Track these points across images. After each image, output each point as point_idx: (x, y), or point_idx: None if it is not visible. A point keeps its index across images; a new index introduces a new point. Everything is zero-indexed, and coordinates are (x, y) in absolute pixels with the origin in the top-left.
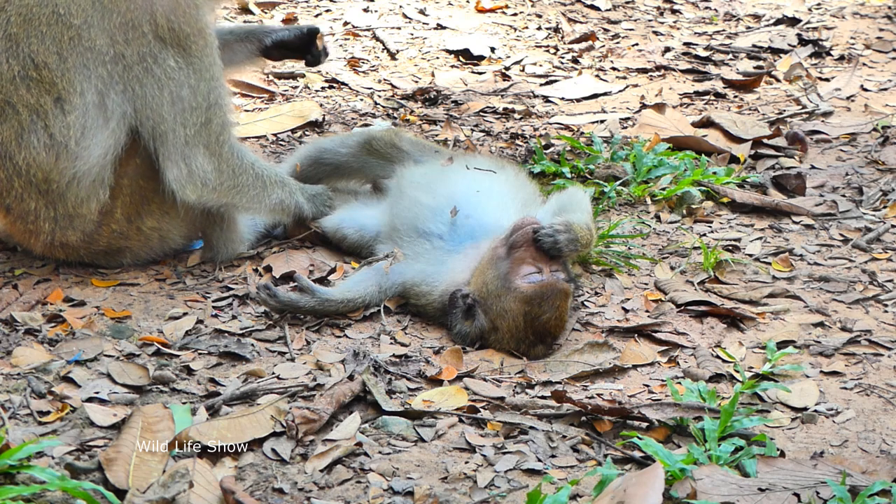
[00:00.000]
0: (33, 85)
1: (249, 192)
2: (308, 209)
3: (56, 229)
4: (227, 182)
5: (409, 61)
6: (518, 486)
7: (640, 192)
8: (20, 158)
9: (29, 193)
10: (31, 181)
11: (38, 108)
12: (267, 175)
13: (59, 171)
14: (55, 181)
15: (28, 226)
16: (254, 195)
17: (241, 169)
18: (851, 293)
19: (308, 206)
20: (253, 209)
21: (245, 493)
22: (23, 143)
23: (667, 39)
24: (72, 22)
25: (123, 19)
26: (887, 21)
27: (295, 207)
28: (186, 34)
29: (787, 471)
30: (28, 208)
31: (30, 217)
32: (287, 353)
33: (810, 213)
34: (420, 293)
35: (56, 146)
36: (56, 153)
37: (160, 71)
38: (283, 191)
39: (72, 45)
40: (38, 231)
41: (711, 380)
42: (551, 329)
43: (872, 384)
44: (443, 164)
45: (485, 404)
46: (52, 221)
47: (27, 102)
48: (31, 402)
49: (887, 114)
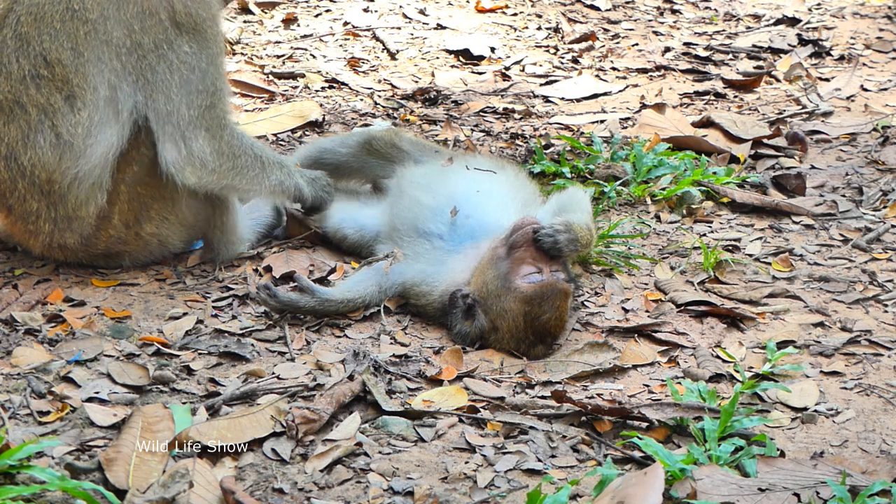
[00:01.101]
0: (44, 84)
1: (249, 174)
2: (308, 192)
3: (55, 231)
4: (227, 164)
5: (409, 61)
6: (518, 486)
7: (640, 192)
8: (25, 159)
9: (32, 195)
10: (34, 182)
11: (48, 106)
12: (266, 157)
13: (62, 172)
14: (57, 182)
15: (28, 226)
16: (253, 176)
17: (240, 150)
18: (851, 293)
19: (308, 189)
20: (253, 191)
21: (245, 493)
22: (29, 143)
23: (667, 39)
24: (87, 17)
25: (140, 8)
26: (887, 21)
27: (295, 189)
28: (202, 19)
29: (787, 471)
30: (30, 209)
31: (31, 218)
32: (287, 353)
33: (810, 213)
34: (420, 293)
35: (62, 145)
36: (61, 152)
37: (174, 56)
38: (281, 172)
39: (87, 40)
40: (37, 231)
41: (711, 380)
42: (551, 329)
43: (872, 384)
44: (443, 165)
45: (485, 404)
46: (52, 223)
47: (37, 102)
48: (31, 402)
49: (887, 114)
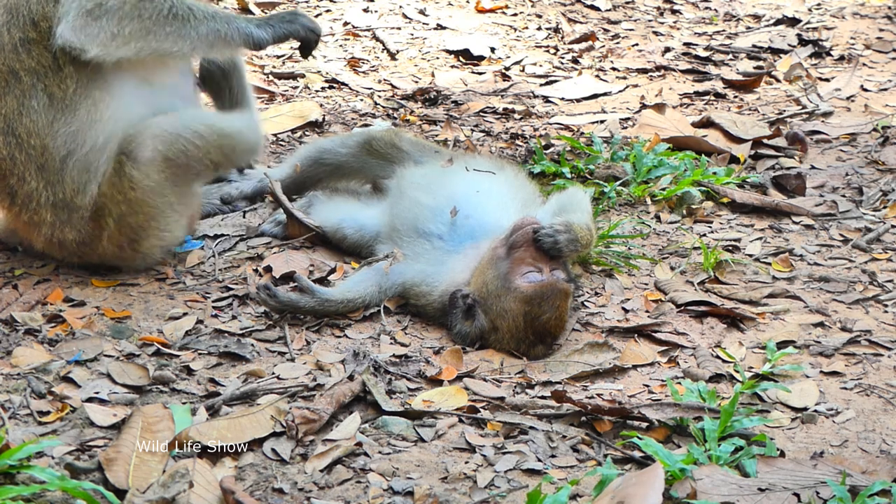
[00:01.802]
0: (33, 47)
1: (165, 30)
2: (261, 34)
3: (56, 222)
4: (131, 25)
5: (409, 61)
6: (518, 486)
7: (640, 192)
8: (21, 128)
9: (29, 170)
10: (30, 154)
11: (39, 69)
12: (192, 11)
13: (54, 136)
14: (51, 151)
15: (31, 215)
16: (171, 31)
17: (149, 11)
18: (851, 293)
19: (261, 31)
20: (179, 48)
21: (245, 493)
22: (24, 111)
23: (667, 39)
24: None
25: None
26: (887, 21)
27: (239, 35)
28: None
29: (787, 471)
30: (30, 191)
31: (31, 204)
32: (287, 353)
33: (810, 213)
34: (420, 293)
35: (54, 106)
36: (53, 114)
37: None
38: (215, 22)
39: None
40: (40, 222)
41: (711, 380)
42: (551, 329)
43: (872, 384)
44: (443, 165)
45: (485, 404)
46: (52, 211)
47: (28, 66)
48: (31, 402)
49: (887, 114)
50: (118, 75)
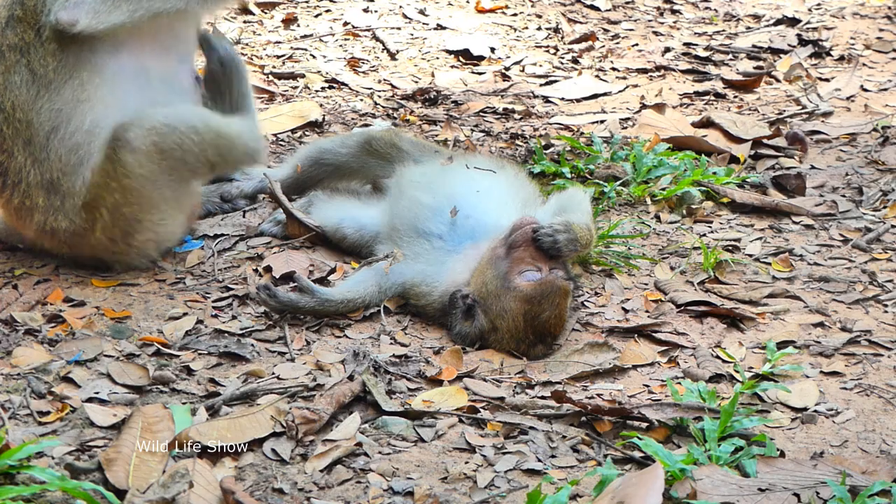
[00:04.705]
0: (17, 24)
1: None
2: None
3: (49, 207)
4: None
5: (409, 61)
6: (518, 486)
7: (640, 192)
8: (7, 103)
9: (17, 145)
10: (17, 129)
11: (23, 45)
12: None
13: (38, 112)
14: (35, 126)
15: (23, 198)
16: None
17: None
18: (851, 293)
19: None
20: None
21: (245, 493)
22: (8, 86)
23: (667, 39)
24: None
25: None
26: (887, 21)
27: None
28: None
29: (787, 471)
30: (18, 166)
31: (22, 185)
32: (287, 353)
33: (810, 213)
34: (420, 293)
35: (37, 81)
36: (36, 90)
37: None
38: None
39: None
40: (32, 207)
41: (711, 380)
42: (551, 328)
43: (872, 384)
44: (442, 164)
45: (485, 404)
46: (44, 194)
47: (12, 43)
48: (31, 402)
49: (887, 114)
50: (114, 59)
